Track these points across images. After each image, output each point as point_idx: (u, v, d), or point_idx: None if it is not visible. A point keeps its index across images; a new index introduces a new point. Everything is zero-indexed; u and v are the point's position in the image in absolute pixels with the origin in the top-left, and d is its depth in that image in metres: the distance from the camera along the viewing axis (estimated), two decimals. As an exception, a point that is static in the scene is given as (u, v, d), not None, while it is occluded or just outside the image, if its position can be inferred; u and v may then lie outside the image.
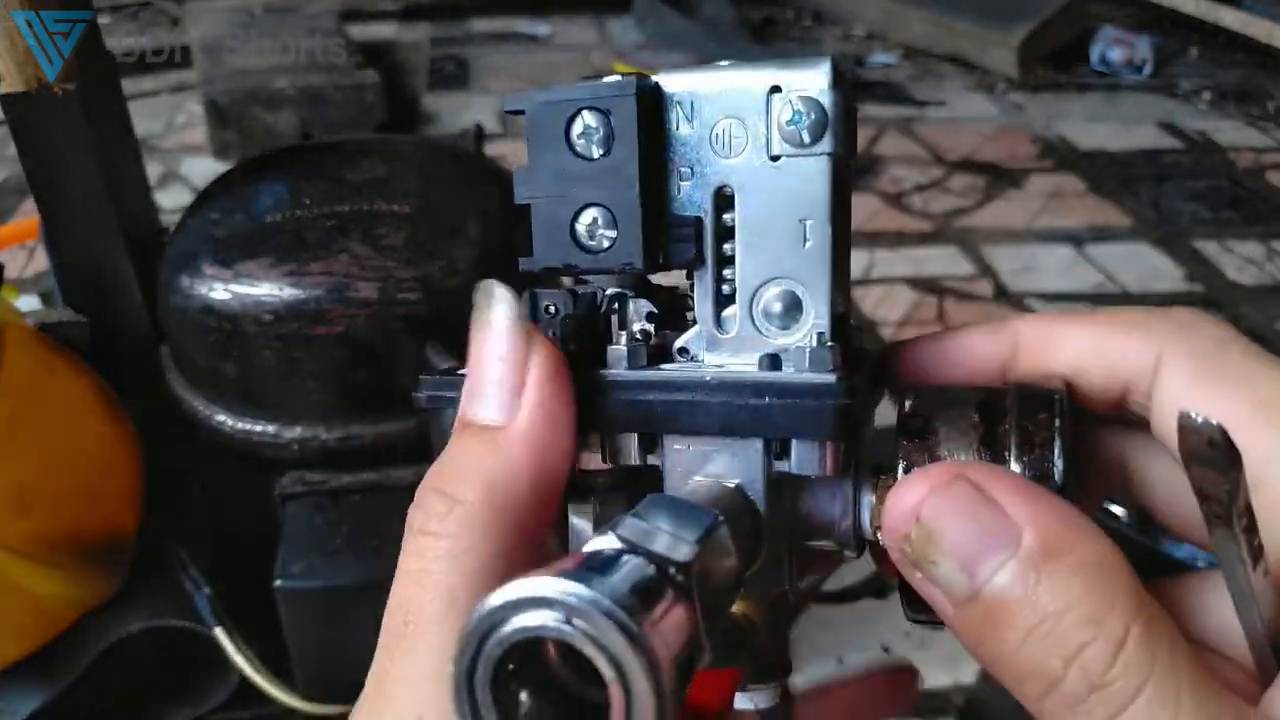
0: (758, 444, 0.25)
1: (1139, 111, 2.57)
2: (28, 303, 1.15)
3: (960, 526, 0.21)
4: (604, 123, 0.25)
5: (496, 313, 0.24)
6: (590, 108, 0.25)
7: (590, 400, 0.25)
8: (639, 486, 0.26)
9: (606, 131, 0.25)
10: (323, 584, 0.72)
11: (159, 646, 0.83)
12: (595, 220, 0.25)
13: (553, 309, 0.27)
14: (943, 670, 1.07)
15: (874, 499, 0.26)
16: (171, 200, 1.95)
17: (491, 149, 1.59)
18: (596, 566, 0.19)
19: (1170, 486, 0.26)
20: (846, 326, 0.27)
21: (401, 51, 2.94)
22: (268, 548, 0.75)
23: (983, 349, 0.27)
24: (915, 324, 1.68)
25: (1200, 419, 0.19)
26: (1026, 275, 1.82)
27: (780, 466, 0.25)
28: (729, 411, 0.24)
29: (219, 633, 0.79)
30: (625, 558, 0.19)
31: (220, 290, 0.76)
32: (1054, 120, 2.50)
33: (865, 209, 2.03)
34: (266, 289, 0.75)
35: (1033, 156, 2.31)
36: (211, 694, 0.85)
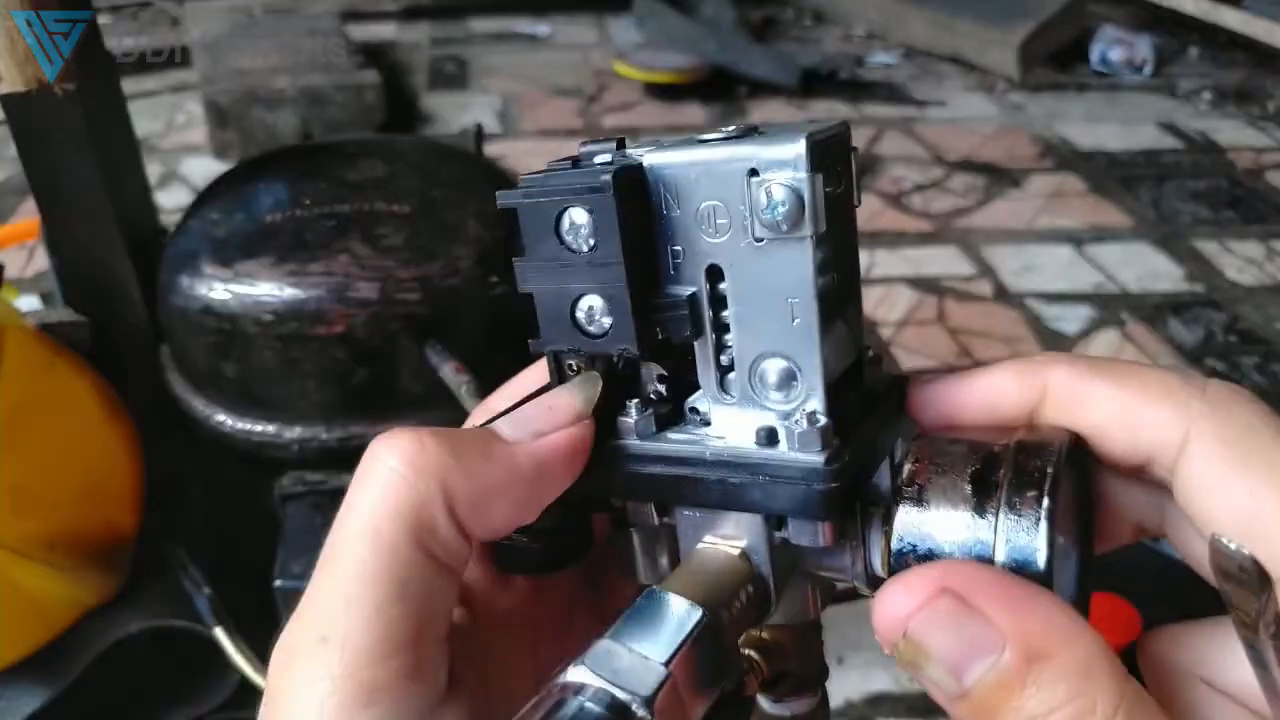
0: (759, 516, 0.26)
1: (1139, 111, 2.57)
2: (28, 303, 1.14)
3: (945, 639, 0.22)
4: (588, 219, 0.25)
5: (577, 390, 0.27)
6: (574, 205, 0.25)
7: (605, 468, 0.27)
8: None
9: (591, 226, 0.25)
10: (323, 584, 0.72)
11: (159, 647, 0.83)
12: (592, 308, 0.26)
13: (574, 368, 0.28)
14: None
15: (883, 543, 0.26)
16: (171, 200, 1.95)
17: (491, 149, 1.59)
18: (552, 713, 0.21)
19: (1198, 549, 0.26)
20: (858, 369, 0.28)
21: (401, 51, 2.94)
22: (268, 548, 0.75)
23: (1009, 395, 0.27)
24: (915, 324, 1.68)
25: (1232, 546, 0.20)
26: (1026, 275, 1.82)
27: (781, 534, 0.26)
28: (725, 489, 0.25)
29: (219, 633, 0.79)
30: (580, 703, 0.21)
31: (220, 290, 0.76)
32: (1054, 120, 2.51)
33: (865, 209, 2.03)
34: (266, 289, 0.75)
35: (1033, 156, 2.31)
36: (211, 694, 0.84)
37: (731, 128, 0.26)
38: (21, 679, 0.79)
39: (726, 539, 0.26)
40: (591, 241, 0.25)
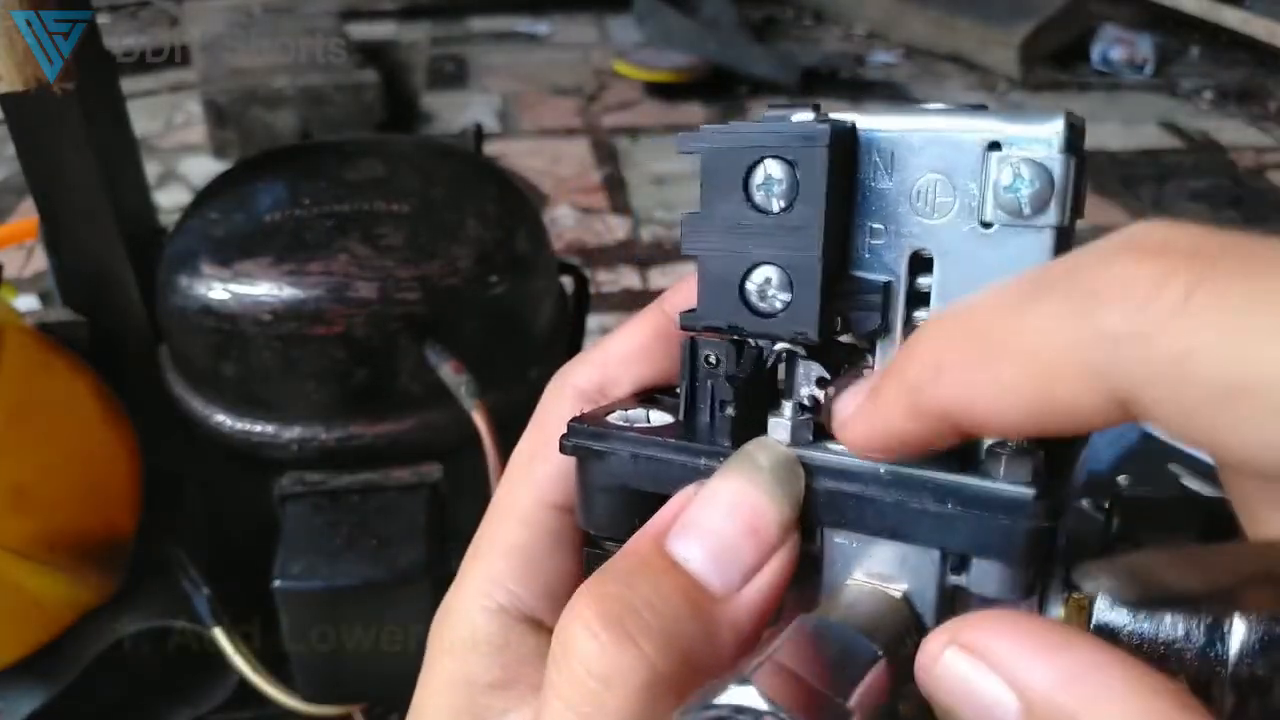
0: (934, 553, 0.22)
1: (1140, 111, 2.56)
2: (26, 302, 1.14)
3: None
4: (788, 173, 0.22)
5: (774, 485, 0.22)
6: (774, 156, 0.22)
7: None
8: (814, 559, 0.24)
9: (790, 183, 0.22)
10: (322, 584, 0.72)
11: (158, 647, 0.83)
12: (768, 280, 0.22)
13: (713, 359, 0.24)
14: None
15: (1062, 610, 0.22)
16: (171, 200, 1.95)
17: (491, 148, 1.59)
18: None
19: None
20: None
21: (401, 51, 2.94)
22: (267, 548, 0.75)
23: None
24: (916, 323, 1.68)
25: None
26: (1027, 275, 1.82)
27: (956, 580, 0.22)
28: (903, 514, 0.21)
29: (218, 633, 0.79)
30: None
31: (219, 290, 0.75)
32: (1054, 119, 2.50)
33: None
34: (265, 289, 0.74)
35: (1033, 156, 2.31)
36: (211, 694, 0.84)
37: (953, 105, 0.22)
38: (21, 679, 0.79)
39: (884, 579, 0.22)
40: (786, 201, 0.22)
